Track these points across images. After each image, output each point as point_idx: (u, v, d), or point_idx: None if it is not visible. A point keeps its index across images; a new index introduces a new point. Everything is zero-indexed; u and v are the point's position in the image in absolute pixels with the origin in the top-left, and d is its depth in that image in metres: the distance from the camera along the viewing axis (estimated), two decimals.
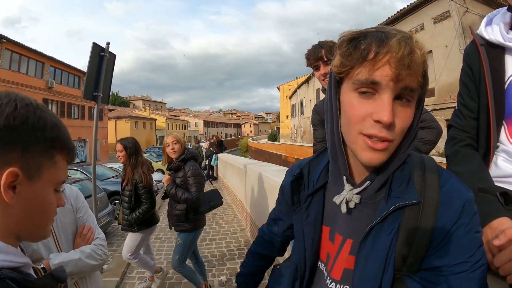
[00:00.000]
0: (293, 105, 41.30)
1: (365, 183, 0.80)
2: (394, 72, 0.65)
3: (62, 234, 1.69)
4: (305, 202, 0.93)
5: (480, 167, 1.20)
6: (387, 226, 0.74)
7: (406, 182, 0.76)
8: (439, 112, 13.26)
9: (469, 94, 1.29)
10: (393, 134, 0.70)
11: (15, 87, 21.66)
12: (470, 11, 13.22)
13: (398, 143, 0.73)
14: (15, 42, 21.74)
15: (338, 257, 0.85)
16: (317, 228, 0.91)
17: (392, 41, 0.65)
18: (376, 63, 0.67)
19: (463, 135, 1.31)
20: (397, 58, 0.65)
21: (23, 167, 0.62)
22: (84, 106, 30.85)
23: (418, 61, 0.66)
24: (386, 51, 0.65)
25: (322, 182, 0.91)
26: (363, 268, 0.76)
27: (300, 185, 0.96)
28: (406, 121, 0.71)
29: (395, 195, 0.75)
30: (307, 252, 0.92)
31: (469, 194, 0.72)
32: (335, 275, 0.85)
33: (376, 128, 0.69)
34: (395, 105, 0.69)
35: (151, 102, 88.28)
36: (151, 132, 53.71)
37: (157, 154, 24.92)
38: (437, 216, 0.70)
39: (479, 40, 1.26)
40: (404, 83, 0.67)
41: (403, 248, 0.71)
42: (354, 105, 0.72)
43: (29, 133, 0.63)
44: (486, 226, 1.02)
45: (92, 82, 4.40)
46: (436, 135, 2.12)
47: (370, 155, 0.72)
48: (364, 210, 0.81)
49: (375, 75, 0.67)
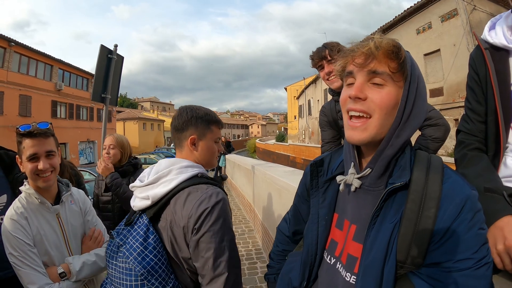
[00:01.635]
0: (301, 105, 41.25)
1: (366, 170, 0.88)
2: (359, 62, 0.84)
3: (72, 236, 1.72)
4: (323, 187, 1.02)
5: (487, 168, 1.22)
6: (391, 216, 0.79)
7: (402, 169, 0.83)
8: (448, 112, 13.14)
9: (476, 99, 1.32)
10: (368, 108, 0.83)
11: (24, 89, 21.98)
12: (477, 9, 13.07)
13: (380, 121, 0.83)
14: (23, 45, 22.05)
15: (346, 243, 0.91)
16: (331, 212, 0.99)
17: (358, 42, 0.86)
18: (350, 59, 0.88)
19: (471, 139, 1.33)
20: (361, 52, 0.84)
21: (197, 134, 1.42)
22: (92, 108, 31.20)
23: (374, 49, 0.82)
24: (356, 49, 0.85)
25: (340, 171, 0.99)
26: (367, 256, 0.80)
27: (320, 172, 1.06)
28: (380, 99, 0.83)
29: (391, 181, 0.82)
30: (320, 234, 0.99)
31: (472, 191, 0.76)
32: (344, 259, 0.91)
33: (350, 102, 0.86)
34: (368, 86, 0.85)
35: (159, 103, 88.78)
36: (159, 134, 54.00)
37: (165, 155, 25.12)
38: (438, 209, 0.74)
39: (483, 44, 1.29)
40: (370, 68, 0.83)
41: (405, 239, 0.75)
42: (343, 92, 0.91)
43: (198, 120, 1.43)
44: (492, 226, 1.03)
45: (100, 84, 4.44)
46: (444, 132, 2.12)
47: (350, 133, 0.87)
48: (367, 198, 0.88)
49: (349, 67, 0.88)
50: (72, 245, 1.72)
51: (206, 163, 1.49)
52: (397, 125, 0.84)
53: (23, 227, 1.51)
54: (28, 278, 1.47)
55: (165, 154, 26.70)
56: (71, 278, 1.59)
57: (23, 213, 1.55)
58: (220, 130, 1.54)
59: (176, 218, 1.24)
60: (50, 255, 1.59)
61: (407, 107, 0.84)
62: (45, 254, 1.58)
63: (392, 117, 0.83)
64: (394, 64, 0.82)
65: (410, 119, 0.84)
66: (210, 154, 1.49)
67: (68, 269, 1.59)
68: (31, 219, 1.56)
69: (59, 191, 1.73)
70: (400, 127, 0.84)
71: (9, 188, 2.12)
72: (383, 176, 0.86)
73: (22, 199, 1.60)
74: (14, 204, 1.58)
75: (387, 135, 0.84)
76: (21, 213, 1.54)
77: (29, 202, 1.60)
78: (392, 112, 0.83)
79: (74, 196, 1.84)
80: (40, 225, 1.59)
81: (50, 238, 1.61)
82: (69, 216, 1.74)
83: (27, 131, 1.57)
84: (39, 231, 1.57)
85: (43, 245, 1.57)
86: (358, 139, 0.85)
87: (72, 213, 1.77)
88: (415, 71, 0.86)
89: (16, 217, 1.52)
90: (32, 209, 1.59)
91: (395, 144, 0.84)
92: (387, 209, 0.81)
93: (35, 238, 1.54)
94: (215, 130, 1.50)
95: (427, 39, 15.36)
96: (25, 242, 1.50)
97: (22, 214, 1.54)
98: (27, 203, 1.59)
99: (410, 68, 0.84)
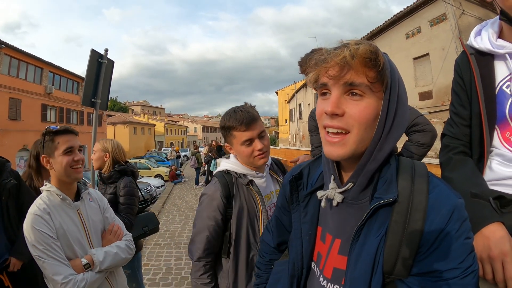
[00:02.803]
0: (292, 109, 41.24)
1: (348, 185, 0.84)
2: (334, 74, 0.77)
3: (93, 231, 1.82)
4: (304, 201, 0.99)
5: (473, 172, 1.23)
6: (376, 229, 0.76)
7: (389, 183, 0.79)
8: (437, 115, 13.29)
9: (461, 103, 1.34)
10: (346, 124, 0.78)
11: (14, 92, 21.65)
12: (466, 13, 13.26)
13: (359, 137, 0.78)
14: (14, 48, 21.69)
15: (328, 256, 0.89)
16: (313, 226, 0.95)
17: (332, 50, 0.78)
18: (322, 70, 0.80)
19: (456, 142, 1.34)
20: (335, 62, 0.76)
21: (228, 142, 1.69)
22: (83, 112, 30.81)
23: (350, 59, 0.74)
24: (329, 59, 0.77)
25: (320, 183, 0.96)
26: (353, 269, 0.78)
27: (299, 185, 1.01)
28: (358, 113, 0.77)
29: (377, 195, 0.78)
30: (304, 249, 0.96)
31: (458, 200, 0.73)
32: (327, 273, 0.88)
33: (327, 119, 0.80)
34: (345, 99, 0.79)
35: (150, 107, 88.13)
36: (150, 138, 53.59)
37: (156, 160, 24.97)
38: (425, 221, 0.72)
39: (469, 49, 1.31)
40: (344, 79, 0.77)
41: (392, 251, 0.73)
42: (318, 106, 0.85)
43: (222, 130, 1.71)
44: (478, 233, 1.04)
45: (90, 89, 4.40)
46: (431, 138, 2.14)
47: (328, 148, 0.82)
48: (350, 211, 0.85)
49: (323, 78, 0.81)
50: (93, 239, 1.81)
51: (246, 164, 1.70)
52: (378, 138, 0.79)
53: (46, 221, 1.58)
54: (53, 269, 1.54)
55: (156, 158, 26.54)
56: (94, 269, 1.68)
57: (46, 209, 1.62)
58: (244, 131, 1.59)
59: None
60: (73, 248, 1.67)
61: (388, 118, 0.78)
62: (68, 248, 1.65)
63: (372, 130, 0.78)
64: (372, 73, 0.76)
65: (392, 130, 0.80)
66: (244, 156, 1.65)
67: (92, 260, 1.68)
68: (53, 214, 1.64)
69: (78, 189, 1.84)
70: (381, 140, 0.79)
71: None
72: (366, 189, 0.83)
73: (44, 197, 1.69)
74: (36, 202, 1.66)
75: (368, 148, 0.80)
76: (44, 209, 1.61)
77: (51, 199, 1.69)
78: (373, 124, 0.78)
79: (92, 195, 1.95)
80: (62, 220, 1.67)
81: (72, 232, 1.69)
82: (89, 212, 1.84)
83: (63, 128, 1.77)
84: (62, 225, 1.65)
85: (66, 239, 1.64)
86: (338, 155, 0.80)
87: (91, 209, 1.87)
88: (395, 76, 0.79)
89: (39, 212, 1.59)
90: (54, 206, 1.68)
91: (378, 157, 0.80)
92: (371, 222, 0.78)
93: (58, 232, 1.62)
94: (237, 134, 1.61)
95: (417, 43, 15.52)
96: (48, 235, 1.56)
97: (45, 210, 1.61)
98: (49, 200, 1.68)
99: (390, 74, 0.78)
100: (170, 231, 7.52)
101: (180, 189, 14.73)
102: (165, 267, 5.16)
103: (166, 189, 14.71)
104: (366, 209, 0.78)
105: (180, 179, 17.47)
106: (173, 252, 5.95)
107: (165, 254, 5.84)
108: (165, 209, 10.20)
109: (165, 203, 11.12)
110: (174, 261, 5.49)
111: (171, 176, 17.44)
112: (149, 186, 12.21)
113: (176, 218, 8.87)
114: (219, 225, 1.64)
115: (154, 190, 12.57)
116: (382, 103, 0.78)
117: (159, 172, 20.13)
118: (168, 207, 10.56)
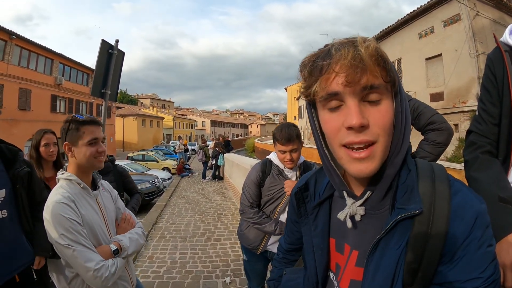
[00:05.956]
0: (301, 106, 41.18)
1: (366, 194, 0.79)
2: (346, 78, 0.67)
3: (109, 220, 1.85)
4: (312, 214, 0.94)
5: (500, 174, 1.20)
6: (396, 240, 0.71)
7: (410, 191, 0.73)
8: (448, 117, 13.13)
9: (491, 100, 1.29)
10: (372, 135, 0.69)
11: (24, 83, 21.90)
12: (480, 14, 13.05)
13: (385, 144, 0.71)
14: (24, 39, 21.97)
15: (346, 268, 0.84)
16: (325, 239, 0.90)
17: (337, 51, 0.68)
18: (330, 76, 0.69)
19: (483, 140, 1.30)
20: (345, 64, 0.66)
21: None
22: (92, 103, 31.12)
23: (366, 58, 0.66)
24: (335, 61, 0.68)
25: (328, 193, 0.91)
26: (371, 282, 0.74)
27: (306, 197, 0.97)
28: (382, 119, 0.70)
29: (399, 205, 0.73)
30: (317, 263, 0.91)
31: (481, 205, 0.69)
32: (344, 285, 0.84)
33: (351, 135, 0.69)
34: (364, 107, 0.70)
35: (159, 100, 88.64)
36: (159, 130, 53.94)
37: (164, 153, 25.12)
38: (448, 229, 0.67)
39: (503, 46, 1.27)
40: (362, 83, 0.67)
41: (413, 262, 0.69)
42: (327, 121, 0.74)
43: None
44: (504, 239, 1.00)
45: (100, 79, 4.40)
46: (447, 136, 2.09)
47: (358, 167, 0.72)
48: (369, 222, 0.80)
49: (332, 86, 0.69)
50: (111, 228, 1.84)
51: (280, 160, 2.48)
52: (396, 141, 0.74)
53: (72, 208, 1.57)
54: (85, 256, 1.53)
55: (164, 151, 26.68)
56: (121, 255, 1.72)
57: (70, 197, 1.60)
58: (282, 144, 2.32)
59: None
60: (97, 236, 1.69)
61: (402, 117, 0.74)
62: (93, 235, 1.66)
63: (391, 134, 0.73)
64: (384, 72, 0.69)
65: (406, 129, 0.75)
66: (278, 157, 2.47)
67: (120, 246, 1.73)
68: (77, 202, 1.63)
69: (93, 179, 1.85)
70: (399, 142, 0.74)
71: (9, 183, 2.09)
72: (386, 197, 0.77)
73: (65, 186, 1.67)
74: (57, 190, 1.64)
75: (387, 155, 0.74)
76: (68, 197, 1.59)
77: (72, 187, 1.67)
78: (392, 128, 0.72)
79: (105, 186, 1.98)
80: (86, 208, 1.67)
81: (95, 221, 1.70)
82: (105, 201, 1.87)
83: (89, 118, 1.77)
84: (87, 214, 1.65)
85: (91, 227, 1.65)
86: (370, 171, 0.71)
87: (106, 199, 1.91)
88: (395, 70, 0.74)
89: (65, 200, 1.57)
90: (76, 194, 1.67)
91: (396, 162, 0.75)
92: (391, 232, 0.72)
93: (83, 219, 1.62)
94: (278, 144, 2.36)
95: (429, 43, 15.36)
96: (78, 223, 1.56)
97: (69, 198, 1.60)
98: (70, 188, 1.66)
99: (394, 70, 0.73)
100: (176, 224, 7.51)
101: (187, 183, 14.72)
102: (170, 260, 5.15)
103: (173, 182, 14.75)
104: (385, 218, 0.75)
105: (187, 172, 17.49)
106: (178, 246, 5.92)
107: (170, 247, 5.82)
108: (172, 202, 10.21)
109: (171, 196, 11.13)
110: (179, 254, 5.46)
111: (178, 169, 17.50)
112: (156, 178, 12.27)
113: (182, 211, 8.86)
114: (256, 186, 2.54)
115: (161, 182, 12.63)
116: (395, 102, 0.73)
117: (167, 165, 20.26)
118: (174, 200, 10.56)
